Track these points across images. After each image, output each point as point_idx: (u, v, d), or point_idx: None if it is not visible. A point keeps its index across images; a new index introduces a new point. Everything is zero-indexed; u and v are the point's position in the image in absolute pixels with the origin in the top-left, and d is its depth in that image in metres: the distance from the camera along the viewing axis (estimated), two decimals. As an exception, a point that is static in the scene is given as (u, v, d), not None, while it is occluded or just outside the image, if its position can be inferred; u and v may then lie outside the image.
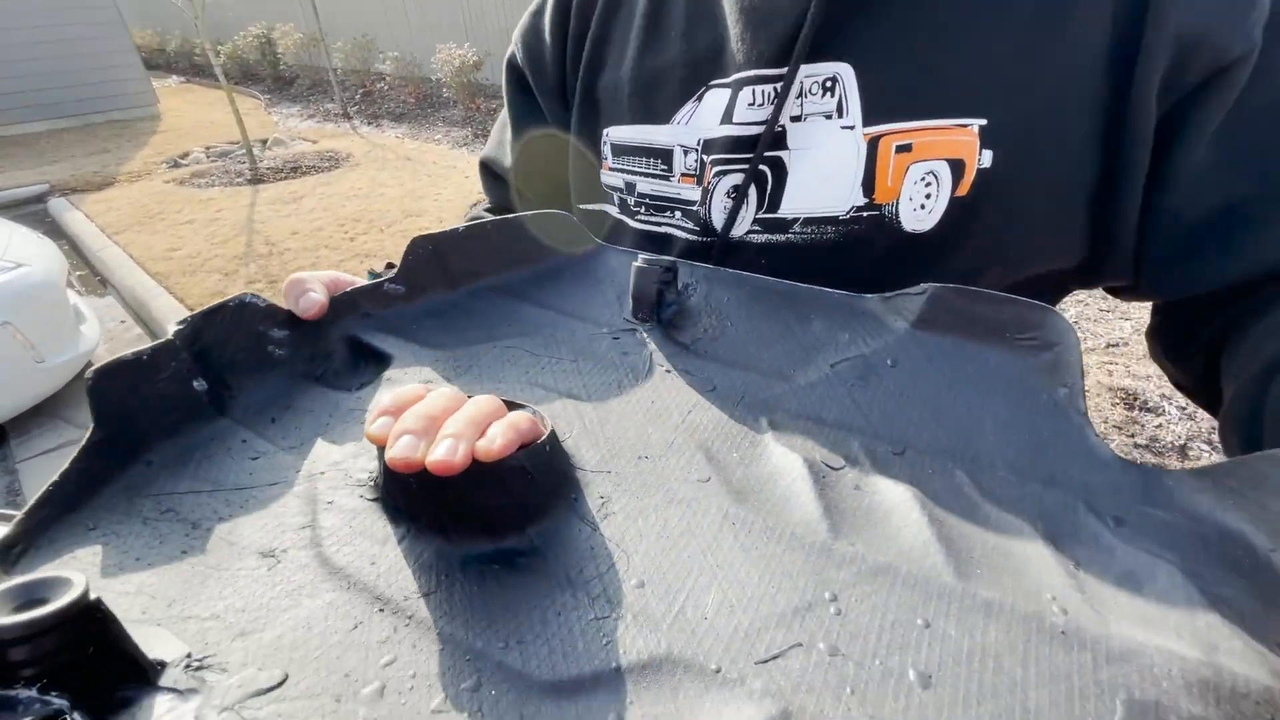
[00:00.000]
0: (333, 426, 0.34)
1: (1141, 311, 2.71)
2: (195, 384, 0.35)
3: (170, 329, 0.34)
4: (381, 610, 0.25)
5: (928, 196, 0.41)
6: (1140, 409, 2.08)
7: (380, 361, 0.39)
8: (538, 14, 0.57)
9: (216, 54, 5.41)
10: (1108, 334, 2.55)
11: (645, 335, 0.41)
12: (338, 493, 0.30)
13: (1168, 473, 0.28)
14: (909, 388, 0.34)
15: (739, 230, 0.46)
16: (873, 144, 0.41)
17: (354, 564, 0.27)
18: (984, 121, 0.39)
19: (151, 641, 0.23)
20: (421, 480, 0.26)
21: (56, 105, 7.71)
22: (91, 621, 0.20)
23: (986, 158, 0.39)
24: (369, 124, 7.40)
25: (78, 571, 0.21)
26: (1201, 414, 2.05)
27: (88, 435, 0.31)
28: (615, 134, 0.51)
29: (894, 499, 0.29)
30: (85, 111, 7.92)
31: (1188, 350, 0.45)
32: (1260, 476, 0.26)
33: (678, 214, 0.49)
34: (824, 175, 0.43)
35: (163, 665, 0.22)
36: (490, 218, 0.56)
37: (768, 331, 0.39)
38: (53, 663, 0.19)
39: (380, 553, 0.27)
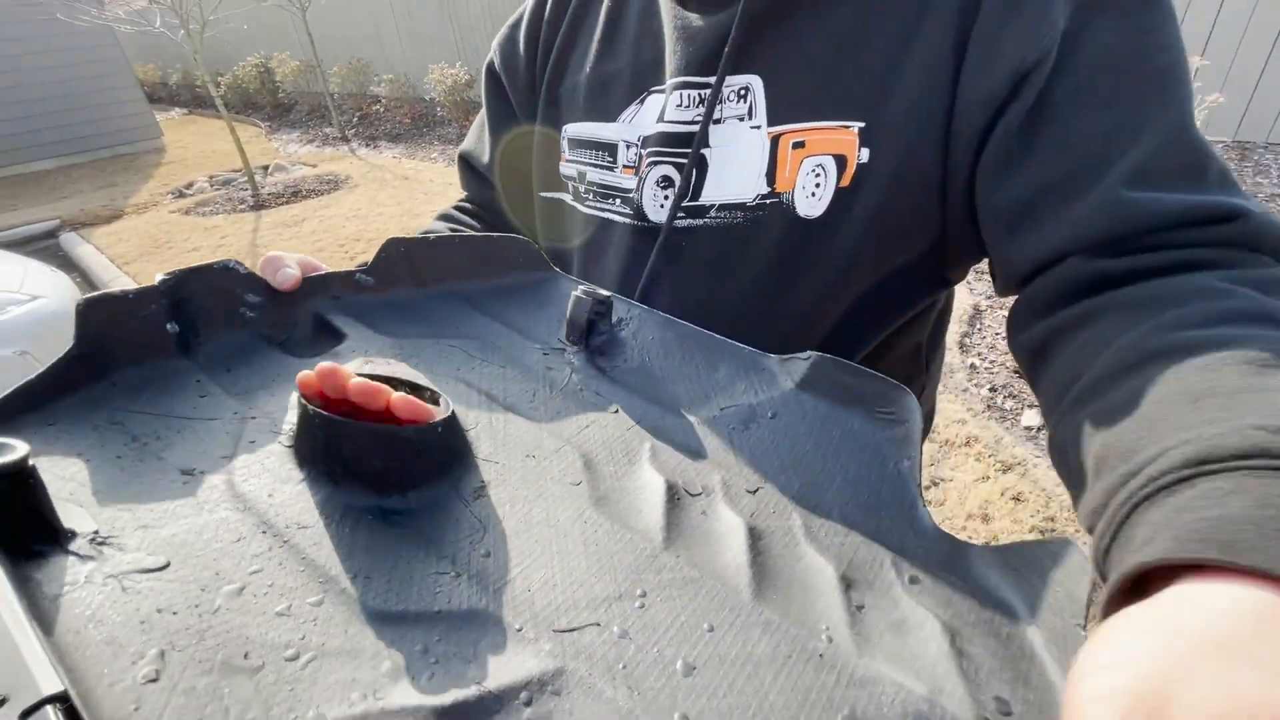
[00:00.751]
0: (278, 385, 0.41)
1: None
2: (169, 326, 0.42)
3: (157, 277, 0.41)
4: (264, 533, 0.31)
5: (817, 186, 0.48)
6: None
7: (337, 339, 0.46)
8: (515, 26, 0.65)
9: (217, 85, 5.58)
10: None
11: (571, 356, 0.47)
12: (262, 435, 0.37)
13: (972, 548, 0.33)
14: (780, 438, 0.39)
15: (660, 215, 0.54)
16: (774, 141, 0.49)
17: (254, 493, 0.33)
18: (862, 124, 0.46)
19: (70, 514, 0.30)
20: (327, 437, 0.33)
21: (64, 143, 7.92)
22: (24, 483, 0.27)
23: (864, 154, 0.47)
24: (367, 146, 7.56)
25: (24, 444, 0.27)
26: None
27: (67, 350, 0.38)
28: (572, 130, 0.59)
29: (729, 526, 0.33)
30: (92, 147, 8.13)
31: (1023, 345, 0.46)
32: (1036, 560, 0.30)
33: (618, 201, 0.57)
34: (736, 168, 0.50)
35: (73, 534, 0.29)
36: (465, 232, 0.63)
37: (678, 371, 0.45)
38: None
39: (279, 489, 0.33)
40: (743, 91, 0.49)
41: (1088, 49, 0.40)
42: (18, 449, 0.27)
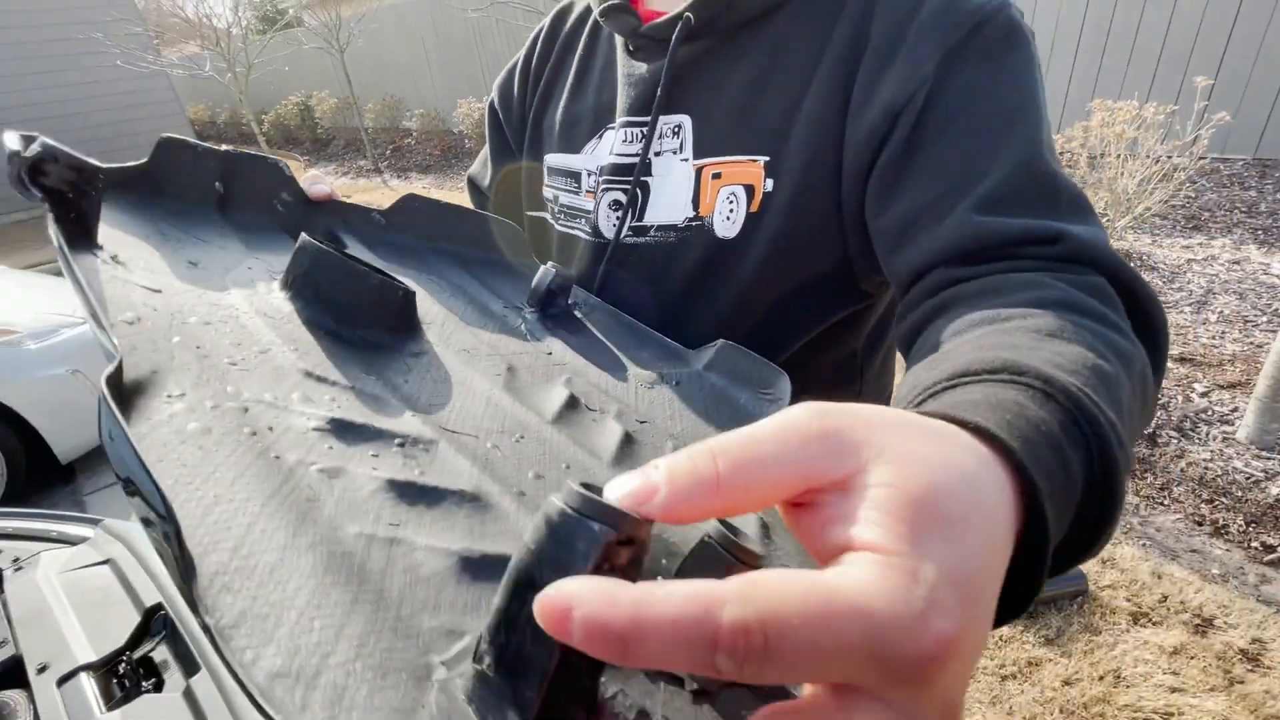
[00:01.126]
0: (282, 257, 0.49)
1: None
2: (216, 184, 0.52)
3: (223, 148, 0.51)
4: (236, 307, 0.41)
5: (731, 211, 0.55)
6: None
7: (341, 246, 0.55)
8: (511, 70, 0.76)
9: (260, 123, 5.92)
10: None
11: (526, 314, 0.55)
12: (259, 271, 0.47)
13: None
14: (677, 398, 0.47)
15: (611, 233, 0.62)
16: (699, 172, 0.55)
17: (240, 284, 0.43)
18: (767, 158, 0.52)
19: (104, 236, 0.40)
20: (310, 263, 0.43)
21: (120, 179, 8.43)
22: (86, 193, 0.39)
23: (769, 184, 0.53)
24: (398, 176, 7.89)
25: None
26: (1170, 404, 2.10)
27: (140, 161, 0.48)
28: (550, 160, 0.68)
29: (609, 429, 0.41)
30: (145, 183, 8.64)
31: (900, 336, 0.50)
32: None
33: (581, 220, 0.65)
34: (669, 194, 0.57)
35: (102, 247, 0.39)
36: (477, 210, 0.73)
37: (611, 345, 0.53)
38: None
39: (259, 292, 0.43)
40: (676, 129, 0.57)
41: (951, 91, 0.46)
42: (89, 162, 0.38)
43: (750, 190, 0.53)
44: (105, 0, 7.72)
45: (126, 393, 0.30)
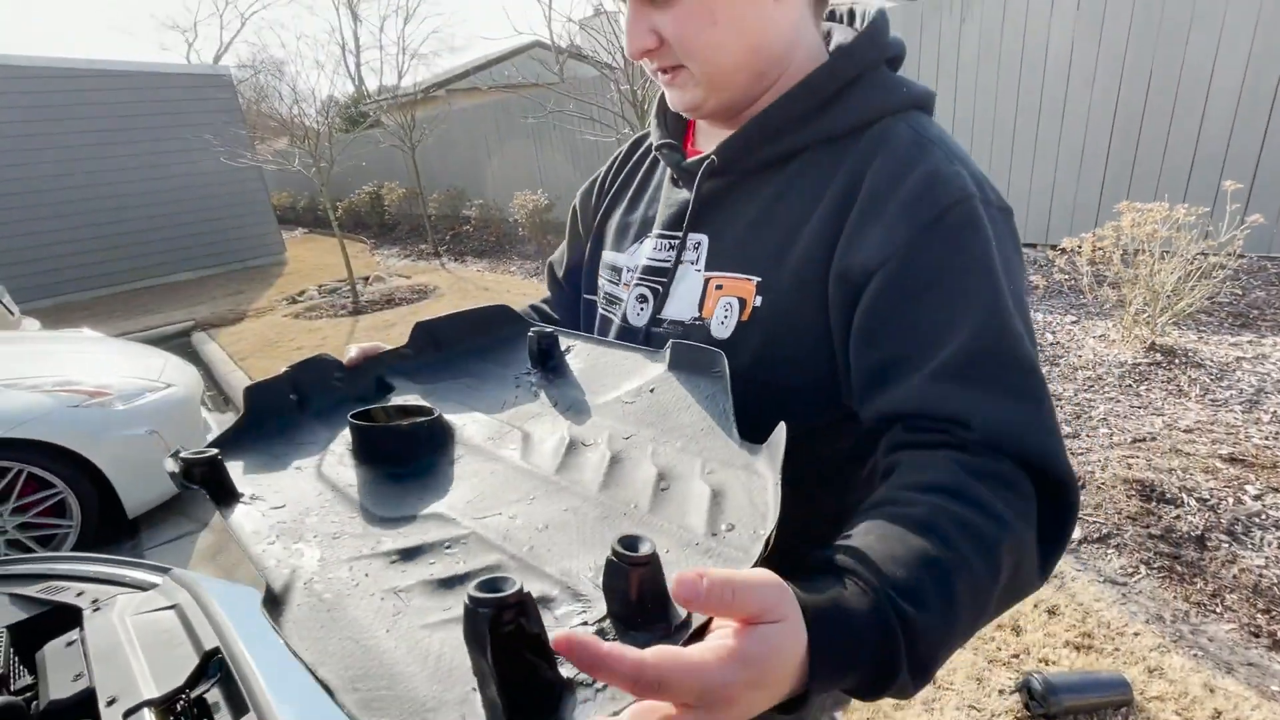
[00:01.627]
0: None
1: (1174, 408, 2.71)
2: (291, 396, 0.68)
3: (282, 369, 0.68)
4: (331, 490, 0.56)
5: (726, 316, 0.62)
6: (1158, 500, 2.07)
7: (389, 390, 0.71)
8: (592, 182, 0.90)
9: (335, 210, 6.51)
10: (1136, 429, 2.57)
11: (532, 377, 0.70)
12: (338, 446, 0.63)
13: (753, 447, 0.50)
14: (654, 402, 0.59)
15: (642, 322, 0.72)
16: (706, 282, 0.65)
17: (328, 472, 0.58)
18: (759, 279, 0.60)
19: (241, 483, 0.57)
20: (362, 436, 0.59)
21: (206, 258, 9.29)
22: (218, 468, 0.53)
23: (759, 300, 0.60)
24: (455, 260, 8.42)
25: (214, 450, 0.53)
26: (1220, 505, 2.02)
27: (241, 416, 0.65)
28: (605, 256, 0.81)
29: (600, 455, 0.53)
30: (227, 262, 9.47)
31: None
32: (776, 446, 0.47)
33: (617, 308, 0.77)
34: (682, 296, 0.67)
35: (241, 493, 0.56)
36: (469, 308, 0.86)
37: (599, 376, 0.67)
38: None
39: (341, 469, 0.59)
40: (696, 244, 0.67)
41: (919, 264, 0.52)
42: (211, 451, 0.53)
43: (743, 302, 0.61)
44: (217, 105, 8.82)
45: (277, 597, 0.44)
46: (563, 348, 0.72)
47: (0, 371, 2.72)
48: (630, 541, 0.33)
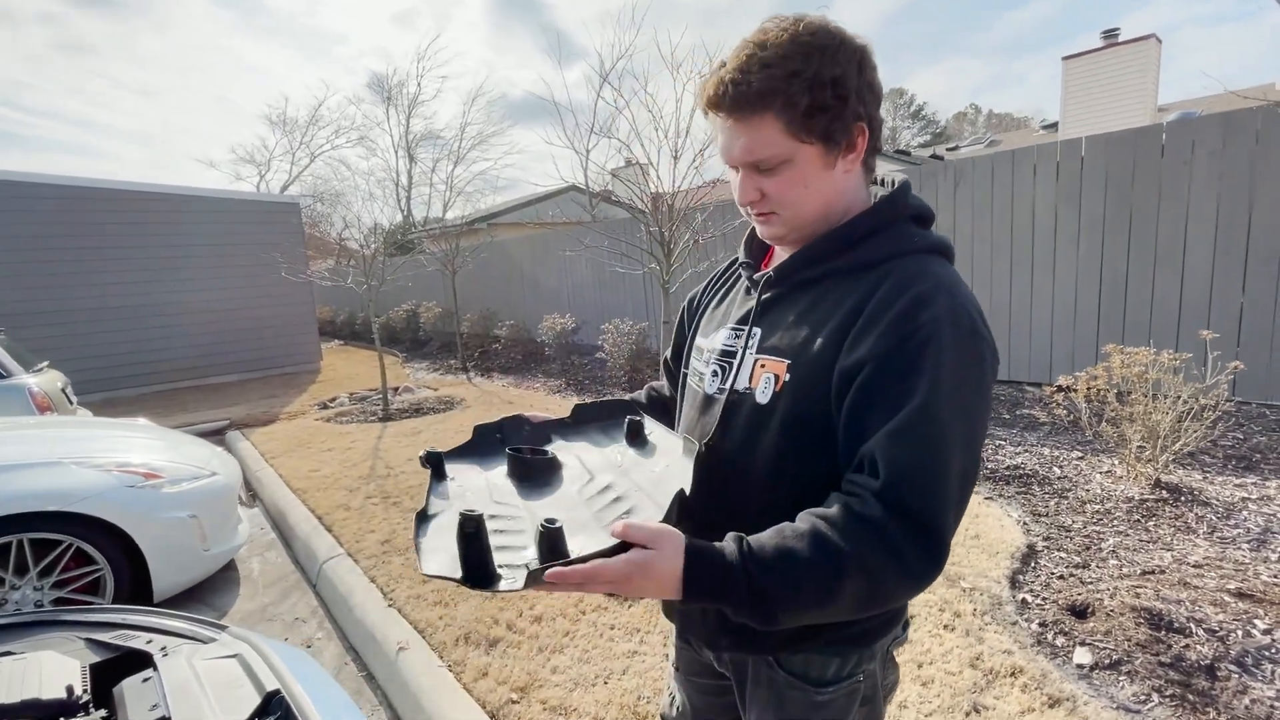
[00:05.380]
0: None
1: (1182, 544, 2.76)
2: (496, 434, 1.06)
3: (500, 417, 1.06)
4: (494, 500, 0.86)
5: (765, 387, 0.82)
6: (1167, 629, 2.09)
7: (549, 440, 1.07)
8: (697, 290, 1.14)
9: (375, 325, 7.00)
10: (1145, 562, 2.61)
11: (623, 449, 0.99)
12: (498, 470, 0.93)
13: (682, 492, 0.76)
14: (665, 475, 0.84)
15: (712, 390, 0.92)
16: (755, 361, 0.85)
17: (494, 476, 0.95)
18: (789, 361, 0.80)
19: (454, 471, 0.99)
20: (514, 460, 0.96)
21: (247, 362, 9.82)
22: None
23: (788, 377, 0.79)
24: (482, 375, 8.81)
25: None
26: (1230, 637, 2.04)
27: (469, 441, 1.02)
28: (698, 341, 1.04)
29: (611, 494, 0.81)
30: (266, 367, 9.99)
31: None
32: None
33: (695, 377, 0.99)
34: (740, 372, 0.87)
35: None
36: (607, 399, 1.16)
37: (663, 448, 0.93)
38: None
39: (497, 476, 0.94)
40: (753, 334, 0.88)
41: (889, 364, 0.71)
42: (440, 450, 0.95)
43: (777, 378, 0.81)
44: (284, 229, 9.79)
45: (426, 515, 0.82)
46: (647, 431, 1.00)
47: (67, 450, 2.94)
48: (551, 520, 0.65)
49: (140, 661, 1.23)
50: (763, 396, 0.82)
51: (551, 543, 0.64)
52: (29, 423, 3.74)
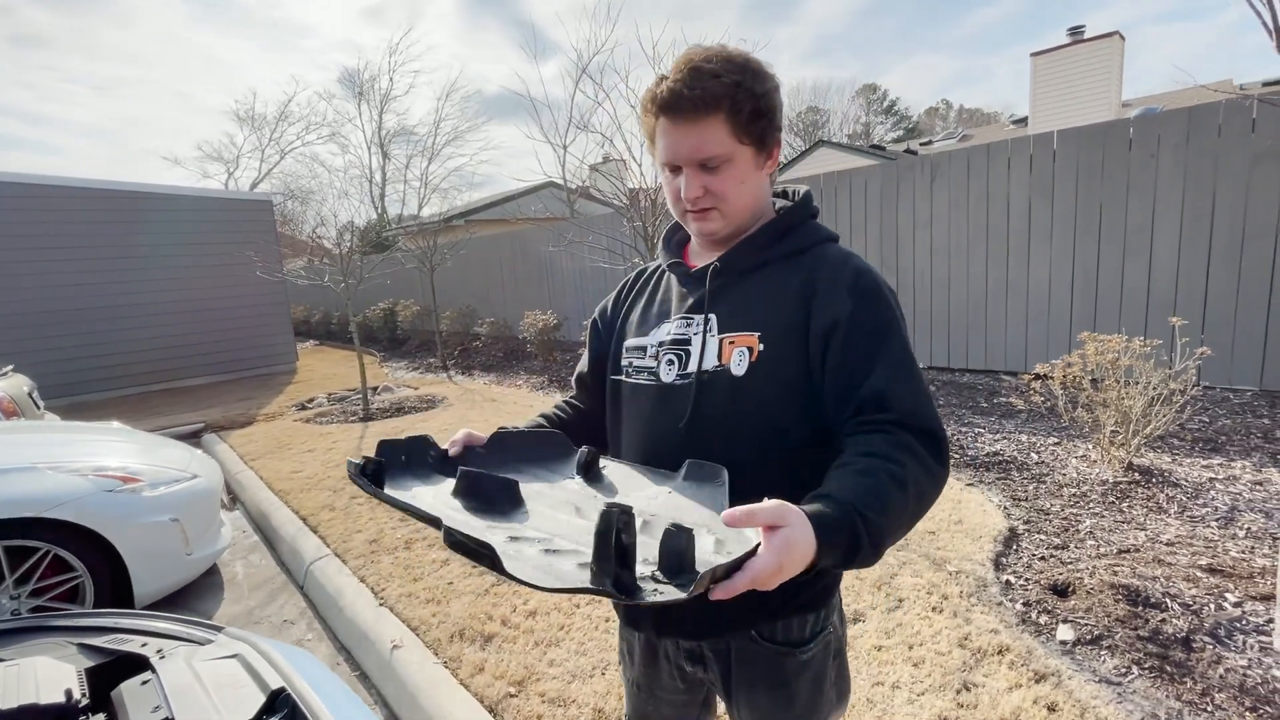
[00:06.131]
0: (443, 483, 0.86)
1: (1155, 523, 2.86)
2: (402, 458, 0.89)
3: (407, 436, 0.91)
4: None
5: (740, 361, 0.89)
6: (1144, 605, 2.17)
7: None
8: (607, 302, 1.18)
9: (353, 324, 6.90)
10: (1120, 541, 2.70)
11: (578, 480, 0.91)
12: (445, 494, 0.81)
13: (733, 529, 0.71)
14: (671, 499, 0.80)
15: (671, 378, 0.97)
16: (721, 341, 0.92)
17: (449, 503, 0.79)
18: (759, 334, 0.89)
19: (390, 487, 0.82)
20: (466, 480, 0.81)
21: (219, 364, 9.61)
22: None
23: (761, 348, 0.88)
24: (463, 374, 8.73)
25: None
26: (1203, 610, 2.13)
27: (374, 456, 0.86)
28: (629, 342, 1.07)
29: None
30: (240, 369, 9.78)
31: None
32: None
33: (645, 374, 1.02)
34: (708, 354, 0.93)
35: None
36: (538, 429, 1.08)
37: (627, 483, 0.89)
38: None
39: (445, 495, 0.80)
40: (708, 321, 0.95)
41: (857, 319, 0.84)
42: (379, 459, 0.85)
43: (751, 350, 0.89)
44: (256, 228, 9.58)
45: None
46: (601, 465, 0.95)
47: (40, 455, 2.86)
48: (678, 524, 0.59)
49: (136, 665, 1.20)
50: (739, 369, 0.89)
51: (680, 548, 0.57)
52: (-4, 428, 3.62)
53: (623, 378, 1.06)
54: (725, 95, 0.83)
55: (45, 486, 2.65)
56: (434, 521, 0.67)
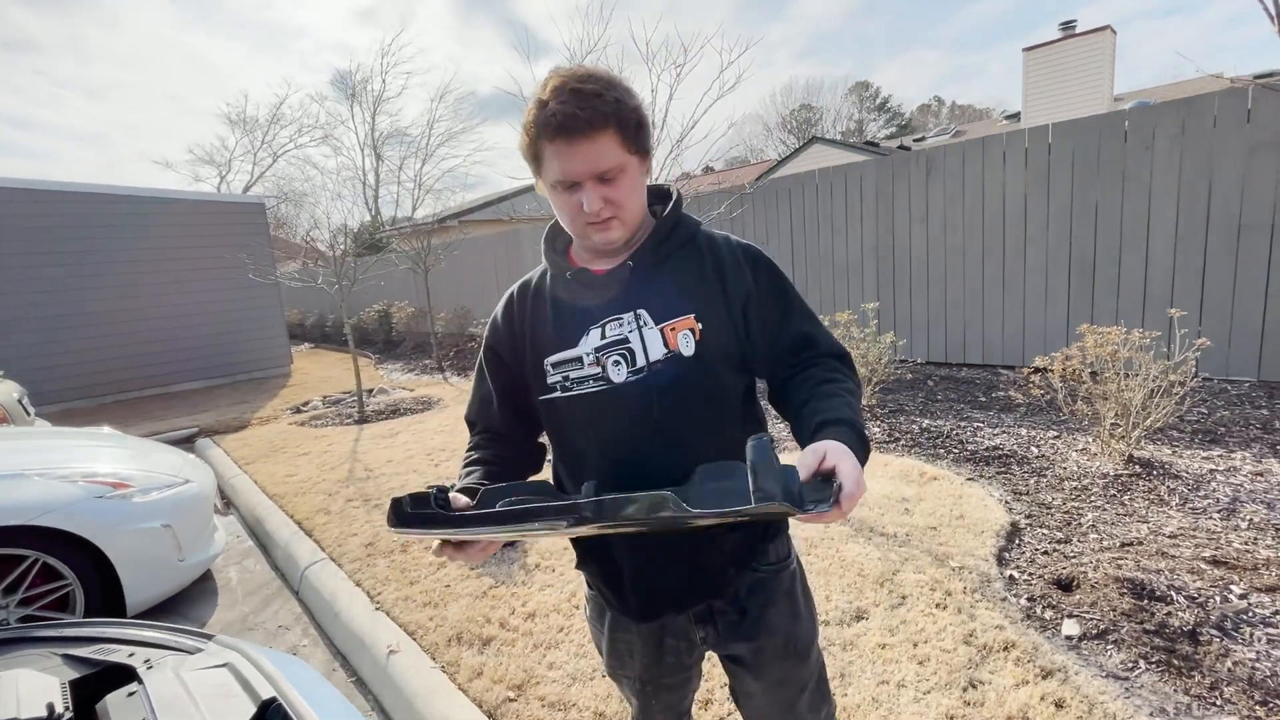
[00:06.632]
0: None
1: (1157, 516, 2.84)
2: (406, 504, 0.81)
3: (428, 488, 0.84)
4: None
5: (687, 342, 0.98)
6: (1149, 598, 2.15)
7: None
8: (496, 329, 1.13)
9: (347, 326, 6.85)
10: (1123, 535, 2.68)
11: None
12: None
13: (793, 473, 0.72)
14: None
15: (621, 378, 0.98)
16: (663, 330, 0.98)
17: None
18: (694, 314, 0.98)
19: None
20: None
21: (213, 369, 9.53)
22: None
23: (700, 327, 0.98)
24: (458, 375, 8.68)
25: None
26: (1209, 603, 2.11)
27: (395, 504, 0.80)
28: (552, 358, 1.04)
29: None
30: (234, 373, 9.71)
31: (779, 400, 1.04)
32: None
33: (591, 382, 1.01)
34: (653, 345, 0.98)
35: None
36: (530, 480, 1.05)
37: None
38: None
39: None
40: (639, 315, 0.99)
41: (761, 285, 1.02)
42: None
43: (693, 331, 0.99)
44: (250, 231, 9.51)
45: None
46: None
47: (29, 461, 2.81)
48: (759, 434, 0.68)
49: (123, 676, 1.17)
50: (687, 350, 0.98)
51: (770, 455, 0.67)
52: (-16, 435, 3.56)
53: (557, 394, 1.05)
54: (612, 112, 0.89)
55: (34, 493, 2.60)
56: (571, 509, 0.68)
